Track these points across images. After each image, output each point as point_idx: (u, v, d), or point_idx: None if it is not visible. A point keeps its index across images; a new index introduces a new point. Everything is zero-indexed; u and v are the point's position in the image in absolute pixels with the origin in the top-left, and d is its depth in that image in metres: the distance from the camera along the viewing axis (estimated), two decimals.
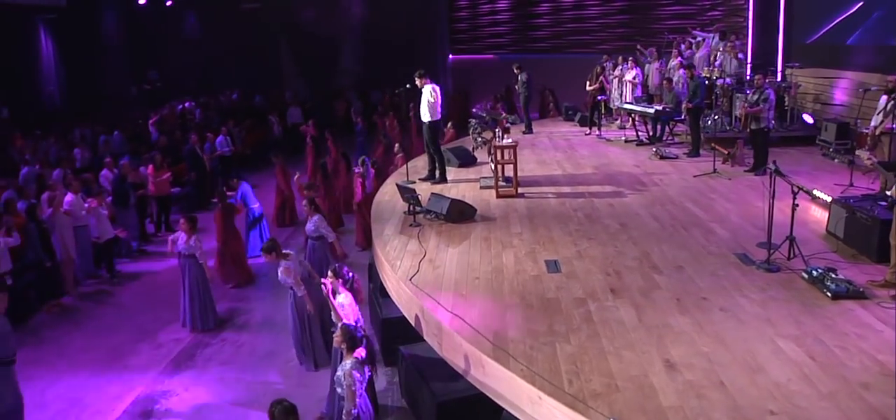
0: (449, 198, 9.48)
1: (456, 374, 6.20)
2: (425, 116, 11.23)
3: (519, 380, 5.26)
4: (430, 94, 11.02)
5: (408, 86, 11.64)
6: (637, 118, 14.14)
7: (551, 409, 4.97)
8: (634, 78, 14.97)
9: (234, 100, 25.73)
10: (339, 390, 5.54)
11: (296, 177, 12.67)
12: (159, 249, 12.78)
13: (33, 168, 13.34)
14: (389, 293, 8.00)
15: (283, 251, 8.00)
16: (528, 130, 15.73)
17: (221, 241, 11.02)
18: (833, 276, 6.55)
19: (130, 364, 8.72)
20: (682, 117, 12.98)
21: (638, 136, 13.95)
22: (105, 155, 15.39)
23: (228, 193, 11.84)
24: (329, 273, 6.59)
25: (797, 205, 7.19)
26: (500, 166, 10.61)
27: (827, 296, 6.33)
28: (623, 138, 14.25)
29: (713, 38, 15.74)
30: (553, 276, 7.24)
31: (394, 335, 7.87)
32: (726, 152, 11.80)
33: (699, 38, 16.20)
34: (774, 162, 7.80)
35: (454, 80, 27.35)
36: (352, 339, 5.54)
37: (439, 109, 11.25)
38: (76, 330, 9.72)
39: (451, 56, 28.44)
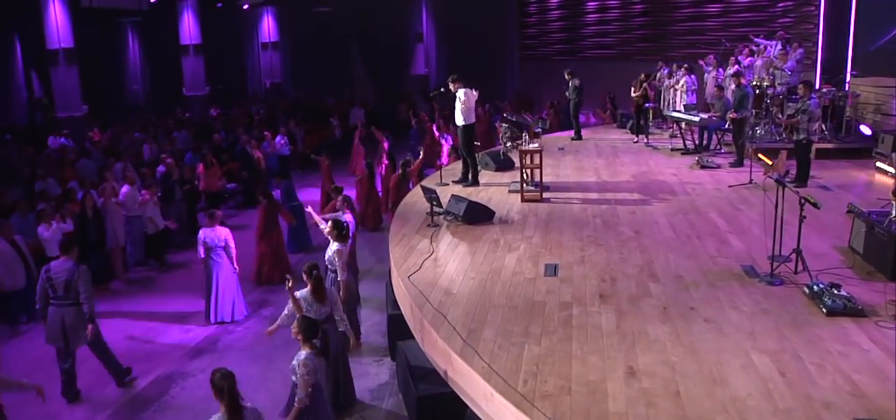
0: (467, 200, 9.55)
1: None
2: (458, 120, 11.32)
3: (476, 376, 5.32)
4: (462, 99, 11.11)
5: (441, 89, 11.75)
6: (685, 127, 13.77)
7: (500, 407, 5.01)
8: (684, 85, 14.58)
9: (302, 100, 26.55)
10: (293, 378, 5.71)
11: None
12: None
13: (91, 160, 14.24)
14: (394, 289, 8.16)
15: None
16: (577, 137, 15.56)
17: (257, 238, 11.36)
18: (834, 292, 6.26)
19: (158, 346, 9.21)
20: (727, 126, 12.55)
21: (685, 144, 13.59)
22: (170, 151, 16.24)
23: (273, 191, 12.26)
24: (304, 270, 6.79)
25: (804, 216, 6.90)
26: (526, 170, 10.60)
27: (822, 312, 6.05)
28: (670, 147, 13.90)
29: (776, 45, 15.14)
30: (548, 280, 7.21)
31: (397, 331, 8.00)
32: (770, 163, 11.34)
33: (762, 46, 15.59)
34: (779, 174, 7.49)
35: (523, 86, 27.39)
36: (308, 329, 5.71)
37: (472, 113, 11.33)
38: (116, 313, 10.27)
39: (520, 61, 28.47)
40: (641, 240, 8.34)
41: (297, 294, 6.69)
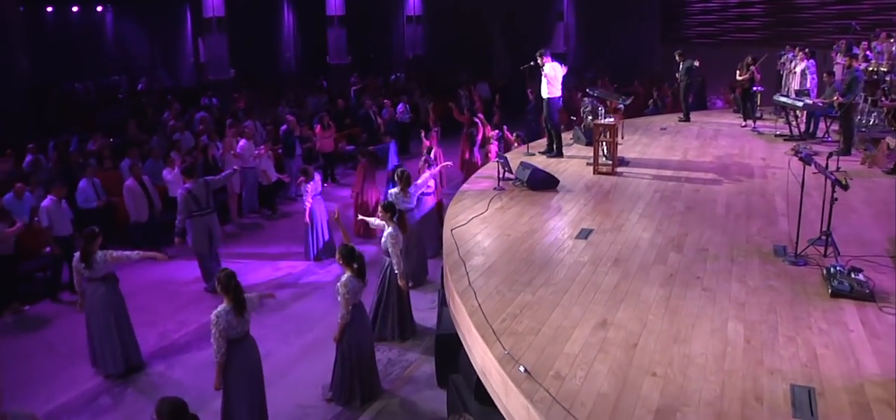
0: (533, 166, 9.99)
1: None
2: (544, 93, 11.73)
3: (465, 312, 5.89)
4: (548, 72, 11.50)
5: (531, 64, 12.11)
6: (792, 112, 13.19)
7: (475, 339, 5.57)
8: (802, 70, 13.92)
9: (438, 73, 27.62)
10: (338, 298, 6.64)
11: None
12: None
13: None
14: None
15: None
16: (686, 119, 15.30)
17: (355, 194, 12.40)
18: (851, 276, 6.15)
19: (250, 278, 10.46)
20: (836, 113, 11.91)
21: (790, 131, 13.04)
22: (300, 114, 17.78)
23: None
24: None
25: (836, 198, 6.77)
26: (601, 144, 10.81)
27: (828, 293, 6.01)
28: (775, 132, 13.38)
29: None
30: (576, 242, 7.56)
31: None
32: (868, 154, 10.77)
33: None
34: (803, 150, 7.32)
35: (661, 67, 26.81)
36: (349, 256, 6.61)
37: (558, 87, 11.68)
38: (220, 250, 11.59)
39: (661, 43, 27.83)
40: (688, 215, 8.42)
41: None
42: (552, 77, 11.53)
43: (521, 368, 4.87)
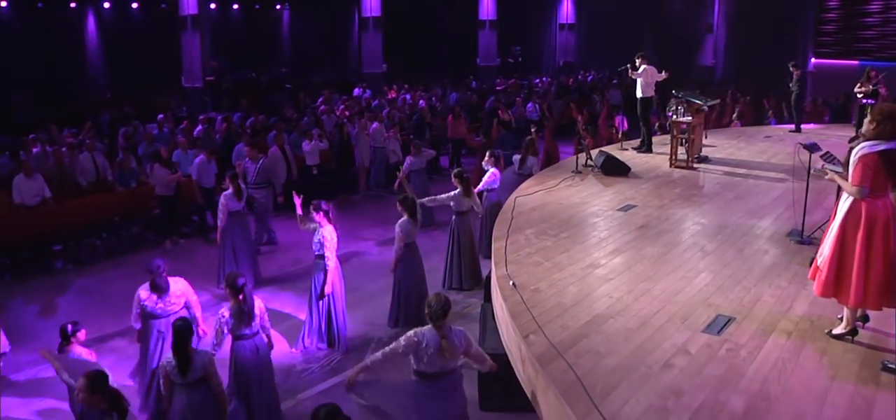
0: (606, 153, 11.15)
1: None
2: (638, 92, 12.83)
3: (493, 251, 7.37)
4: (641, 73, 12.60)
5: (628, 65, 13.14)
6: None
7: (493, 269, 7.02)
8: None
9: (584, 81, 28.70)
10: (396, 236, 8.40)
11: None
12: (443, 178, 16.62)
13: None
14: None
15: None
16: (797, 130, 15.50)
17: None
18: None
19: (359, 234, 12.44)
20: None
21: None
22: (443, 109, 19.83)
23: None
24: None
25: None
26: (679, 140, 11.68)
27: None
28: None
29: None
30: (615, 213, 8.74)
31: None
32: None
33: None
34: (814, 144, 7.95)
35: (813, 83, 26.18)
36: (406, 204, 8.31)
37: (651, 88, 12.73)
38: (343, 214, 13.20)
39: (812, 59, 27.09)
40: (734, 202, 9.24)
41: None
42: (645, 78, 12.60)
43: (511, 282, 6.28)
